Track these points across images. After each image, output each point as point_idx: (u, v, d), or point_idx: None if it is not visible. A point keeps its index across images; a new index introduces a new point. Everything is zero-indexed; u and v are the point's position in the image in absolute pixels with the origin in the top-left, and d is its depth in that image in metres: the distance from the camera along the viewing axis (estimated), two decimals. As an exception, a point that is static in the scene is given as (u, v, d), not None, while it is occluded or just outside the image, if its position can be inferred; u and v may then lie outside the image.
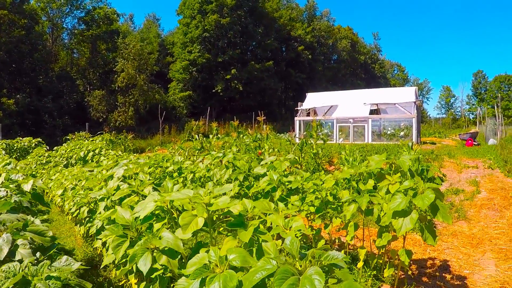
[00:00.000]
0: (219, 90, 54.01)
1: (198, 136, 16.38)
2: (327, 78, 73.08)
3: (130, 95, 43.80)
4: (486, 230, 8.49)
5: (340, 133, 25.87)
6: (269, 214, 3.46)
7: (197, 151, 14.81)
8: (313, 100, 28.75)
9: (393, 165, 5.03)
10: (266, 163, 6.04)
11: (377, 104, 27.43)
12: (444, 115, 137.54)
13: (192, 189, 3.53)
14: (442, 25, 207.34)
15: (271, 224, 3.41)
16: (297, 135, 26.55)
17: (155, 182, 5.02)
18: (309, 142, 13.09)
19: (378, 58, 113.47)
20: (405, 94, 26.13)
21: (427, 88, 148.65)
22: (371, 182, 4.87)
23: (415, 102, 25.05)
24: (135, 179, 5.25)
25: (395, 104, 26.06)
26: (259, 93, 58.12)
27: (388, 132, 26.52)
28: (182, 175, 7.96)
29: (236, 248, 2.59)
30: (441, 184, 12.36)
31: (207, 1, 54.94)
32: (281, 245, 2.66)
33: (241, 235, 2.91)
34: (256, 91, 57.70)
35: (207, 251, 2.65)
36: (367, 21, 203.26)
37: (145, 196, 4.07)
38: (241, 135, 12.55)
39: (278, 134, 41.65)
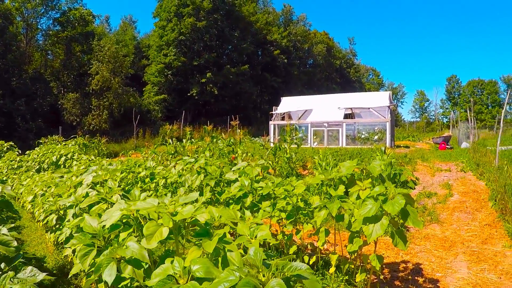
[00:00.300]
0: (194, 94, 53.67)
1: (172, 140, 16.30)
2: (303, 82, 73.29)
3: (105, 98, 43.21)
4: (458, 233, 8.63)
5: (315, 137, 25.92)
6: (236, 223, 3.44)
7: (170, 156, 14.74)
8: (288, 104, 28.77)
9: (364, 171, 5.05)
10: (238, 169, 6.04)
11: (351, 109, 27.55)
12: (418, 119, 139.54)
13: (164, 194, 3.51)
14: (417, 31, 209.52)
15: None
16: (271, 139, 26.58)
17: (126, 188, 5.01)
18: (283, 146, 13.11)
19: (353, 63, 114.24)
20: (379, 99, 26.28)
21: (402, 92, 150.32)
22: (341, 188, 4.88)
23: (389, 107, 25.23)
24: (104, 186, 5.21)
25: (369, 108, 26.21)
26: (235, 97, 58.04)
27: (362, 136, 26.66)
28: (154, 180, 7.91)
29: (200, 259, 2.56)
30: (414, 188, 12.48)
31: (183, 4, 54.61)
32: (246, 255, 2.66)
33: (205, 245, 2.87)
34: (231, 95, 57.54)
35: (172, 262, 2.63)
36: (343, 26, 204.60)
37: (113, 204, 4.03)
38: (215, 140, 12.50)
39: (253, 138, 41.64)
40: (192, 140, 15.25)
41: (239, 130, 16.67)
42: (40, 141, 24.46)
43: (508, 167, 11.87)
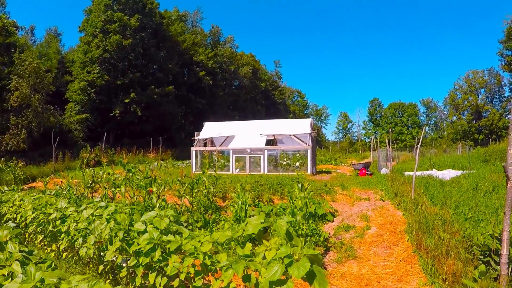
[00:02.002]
0: (117, 114, 52.50)
1: (90, 167, 15.92)
2: (228, 104, 73.48)
3: (24, 116, 41.00)
4: (375, 270, 8.63)
5: (237, 163, 25.95)
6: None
7: (86, 189, 14.35)
8: (211, 129, 28.62)
9: (271, 227, 5.03)
10: (147, 218, 5.92)
11: (273, 135, 27.78)
12: (342, 139, 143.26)
13: (76, 240, 3.34)
14: (341, 54, 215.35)
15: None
16: (193, 166, 26.45)
17: (28, 249, 4.77)
18: (201, 179, 13.02)
19: (278, 85, 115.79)
20: (301, 126, 26.61)
21: (326, 114, 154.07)
22: (248, 246, 4.84)
23: (310, 134, 25.60)
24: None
25: (291, 135, 26.53)
26: (159, 117, 57.01)
27: (284, 163, 26.90)
28: (66, 223, 7.65)
29: None
30: (333, 220, 12.68)
31: (110, 20, 53.48)
32: None
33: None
34: (155, 116, 56.53)
35: None
36: (269, 49, 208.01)
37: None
38: (131, 174, 12.26)
39: (176, 161, 41.37)
40: (109, 171, 14.77)
41: (156, 163, 16.31)
42: None
43: (422, 204, 12.21)
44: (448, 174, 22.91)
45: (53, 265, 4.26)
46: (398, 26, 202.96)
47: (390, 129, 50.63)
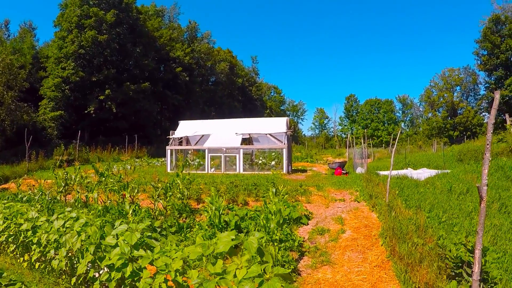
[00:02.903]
0: (92, 111, 51.57)
1: (67, 164, 15.68)
2: (204, 100, 73.08)
3: None
4: (349, 276, 8.66)
5: (212, 162, 25.83)
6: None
7: (59, 194, 14.12)
8: (186, 128, 28.32)
9: (242, 245, 4.97)
10: (119, 231, 5.82)
11: (249, 134, 27.68)
12: (318, 135, 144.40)
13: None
14: (318, 50, 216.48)
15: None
16: (168, 166, 26.24)
17: None
18: (175, 182, 12.92)
19: (255, 81, 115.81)
20: (277, 125, 26.46)
21: (302, 110, 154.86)
22: (219, 263, 4.79)
23: (286, 133, 25.51)
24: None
25: (266, 134, 26.47)
26: (134, 114, 56.21)
27: (260, 162, 26.90)
28: (37, 234, 7.53)
29: None
30: (308, 223, 12.69)
31: (86, 15, 52.48)
32: None
33: None
34: (131, 112, 55.86)
35: None
36: (247, 45, 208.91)
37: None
38: (103, 178, 12.11)
39: (152, 159, 41.09)
40: (82, 174, 14.50)
41: (129, 166, 16.12)
42: None
43: (396, 208, 12.26)
44: (423, 173, 23.06)
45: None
46: (376, 23, 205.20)
47: (365, 129, 50.91)
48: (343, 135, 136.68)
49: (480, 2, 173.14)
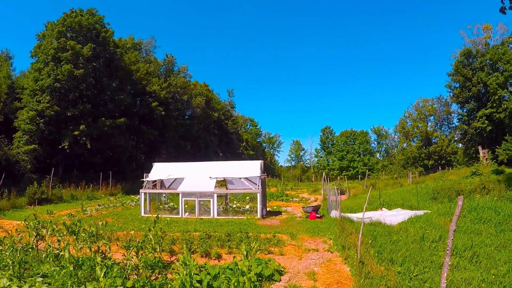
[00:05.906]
0: (66, 146, 50.70)
1: (38, 201, 15.42)
2: (180, 134, 72.66)
3: None
4: None
5: (186, 206, 25.69)
6: None
7: (32, 242, 13.89)
8: (160, 171, 27.98)
9: None
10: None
11: (224, 178, 27.59)
12: (295, 165, 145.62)
13: None
14: (294, 84, 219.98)
15: None
16: (142, 210, 26.02)
17: None
18: (148, 237, 12.87)
19: (232, 115, 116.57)
20: (252, 168, 26.33)
21: (278, 142, 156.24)
22: None
23: (260, 176, 25.51)
24: None
25: (241, 178, 26.45)
26: (109, 149, 55.67)
27: (234, 206, 26.83)
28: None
29: None
30: (280, 280, 12.58)
31: (63, 48, 52.23)
32: None
33: None
34: (106, 148, 55.37)
35: None
36: (223, 78, 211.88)
37: None
38: (74, 236, 12.01)
39: (126, 196, 40.78)
40: (54, 226, 14.27)
41: (101, 223, 15.87)
42: None
43: (368, 264, 12.24)
44: (397, 216, 23.16)
45: None
46: (350, 55, 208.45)
47: (341, 160, 51.12)
48: (319, 166, 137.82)
49: (453, 33, 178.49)
